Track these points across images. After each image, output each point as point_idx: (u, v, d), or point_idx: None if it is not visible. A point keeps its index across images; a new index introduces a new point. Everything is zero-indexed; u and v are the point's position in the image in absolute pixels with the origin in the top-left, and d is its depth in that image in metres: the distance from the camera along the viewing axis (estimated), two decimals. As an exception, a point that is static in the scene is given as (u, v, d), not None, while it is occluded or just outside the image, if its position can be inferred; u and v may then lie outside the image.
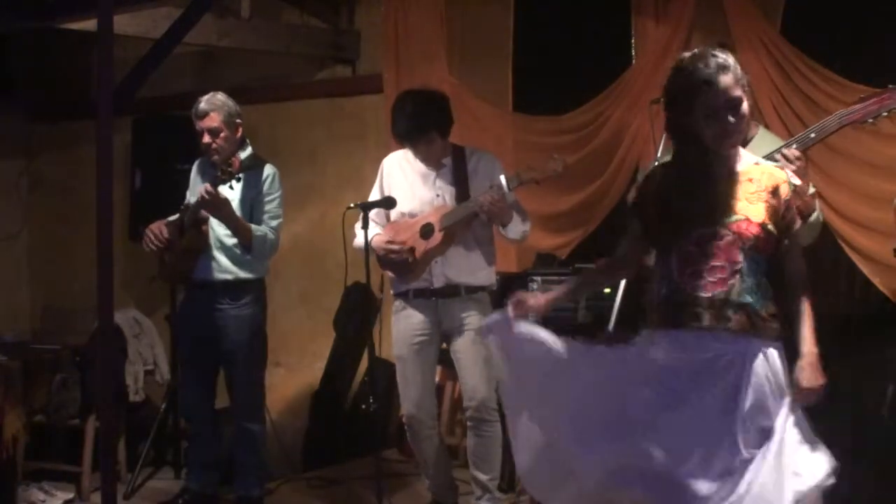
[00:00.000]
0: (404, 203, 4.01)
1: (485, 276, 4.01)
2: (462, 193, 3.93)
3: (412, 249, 3.93)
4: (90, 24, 4.63)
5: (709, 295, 2.59)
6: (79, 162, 6.20)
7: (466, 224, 3.90)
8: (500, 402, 3.97)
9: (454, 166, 3.99)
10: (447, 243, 3.90)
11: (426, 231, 3.93)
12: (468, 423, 4.04)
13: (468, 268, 3.96)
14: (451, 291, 3.94)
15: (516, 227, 3.90)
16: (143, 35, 4.88)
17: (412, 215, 3.99)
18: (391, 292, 4.10)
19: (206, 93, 4.22)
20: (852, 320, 4.24)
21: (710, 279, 2.60)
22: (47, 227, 6.84)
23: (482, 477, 4.01)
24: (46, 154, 6.85)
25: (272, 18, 5.86)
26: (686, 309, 2.61)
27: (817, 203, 3.47)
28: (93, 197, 3.46)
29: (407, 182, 4.04)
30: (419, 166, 4.03)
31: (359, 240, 3.97)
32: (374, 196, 4.10)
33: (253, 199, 4.17)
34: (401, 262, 3.95)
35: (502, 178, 3.79)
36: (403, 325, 4.02)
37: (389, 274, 4.10)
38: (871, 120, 3.31)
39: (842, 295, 4.29)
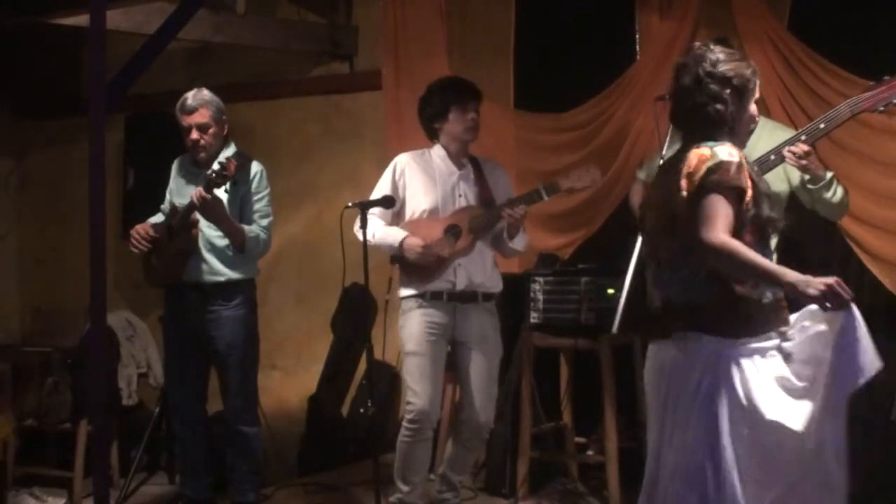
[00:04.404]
0: (426, 200, 4.01)
1: (497, 280, 4.11)
2: (484, 194, 4.02)
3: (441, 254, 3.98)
4: (82, 20, 4.60)
5: None
6: (70, 160, 6.16)
7: (491, 228, 3.99)
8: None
9: (474, 169, 4.08)
10: (473, 247, 3.97)
11: (453, 233, 3.97)
12: (460, 433, 4.07)
13: (486, 270, 4.03)
14: (469, 297, 3.98)
15: (521, 240, 4.05)
16: (135, 31, 4.86)
17: (433, 213, 4.00)
18: (404, 292, 4.05)
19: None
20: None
21: None
22: (37, 227, 6.79)
23: (454, 478, 4.12)
24: (36, 152, 6.80)
25: (268, 14, 5.83)
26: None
27: (836, 183, 3.48)
28: (84, 196, 3.43)
29: (428, 178, 4.04)
30: (440, 165, 4.05)
31: (377, 237, 3.97)
32: (380, 192, 4.06)
33: (242, 197, 4.13)
34: (426, 266, 3.96)
35: (541, 187, 3.89)
36: (419, 322, 3.98)
37: (399, 273, 4.09)
38: (882, 108, 3.26)
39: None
